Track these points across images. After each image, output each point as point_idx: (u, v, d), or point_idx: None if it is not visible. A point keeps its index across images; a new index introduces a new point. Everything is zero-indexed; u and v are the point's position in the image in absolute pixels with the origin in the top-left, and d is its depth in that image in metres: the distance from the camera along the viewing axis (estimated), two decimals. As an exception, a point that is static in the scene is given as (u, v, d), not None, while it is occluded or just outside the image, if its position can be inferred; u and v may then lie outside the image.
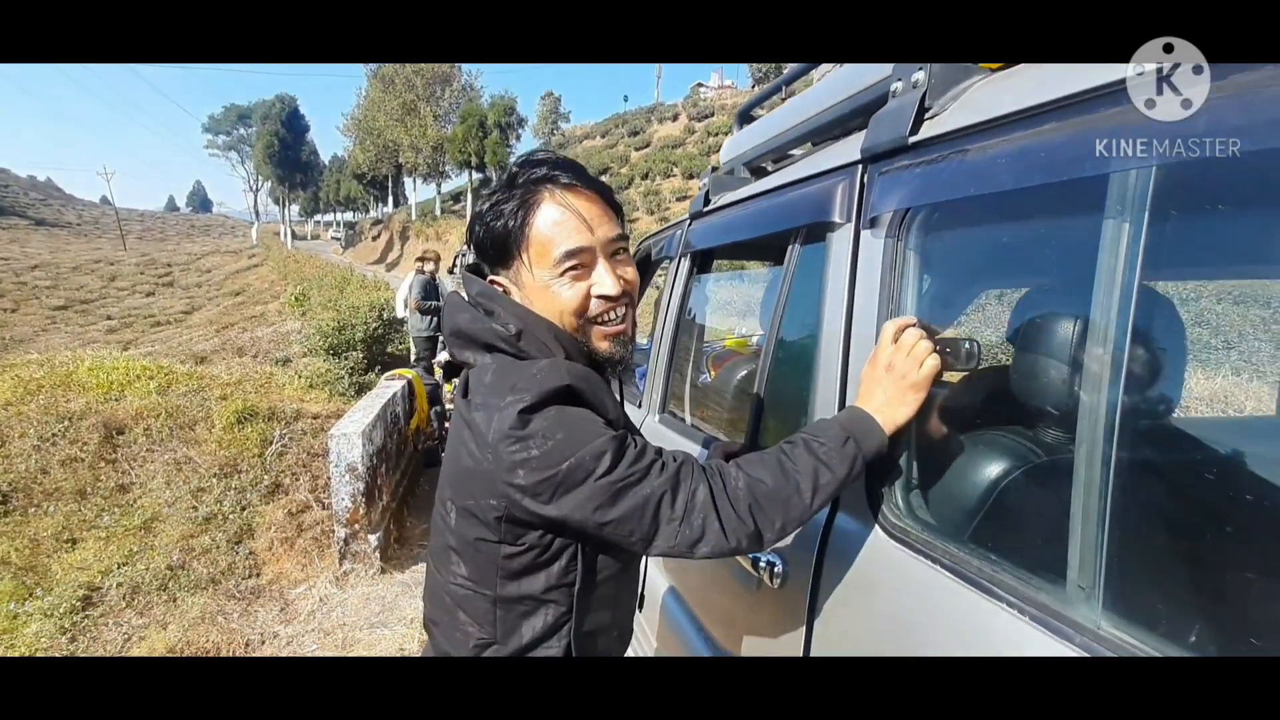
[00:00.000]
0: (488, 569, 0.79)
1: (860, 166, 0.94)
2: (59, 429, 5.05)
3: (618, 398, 0.97)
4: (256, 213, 41.70)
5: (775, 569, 0.95)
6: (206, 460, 4.97)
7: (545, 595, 0.79)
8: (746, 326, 2.37)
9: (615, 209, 0.86)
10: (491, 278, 0.87)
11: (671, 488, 0.74)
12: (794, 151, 1.45)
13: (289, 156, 37.54)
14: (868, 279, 0.88)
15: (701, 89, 41.49)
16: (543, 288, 0.81)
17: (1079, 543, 0.56)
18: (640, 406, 1.79)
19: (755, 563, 0.98)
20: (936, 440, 0.86)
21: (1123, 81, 0.57)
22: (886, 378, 0.79)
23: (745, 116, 1.61)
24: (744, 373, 1.60)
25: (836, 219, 0.96)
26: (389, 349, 8.02)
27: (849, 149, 1.00)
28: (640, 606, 0.99)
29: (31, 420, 5.09)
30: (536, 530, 0.76)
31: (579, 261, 0.80)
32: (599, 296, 0.82)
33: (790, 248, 1.11)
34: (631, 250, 2.17)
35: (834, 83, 1.17)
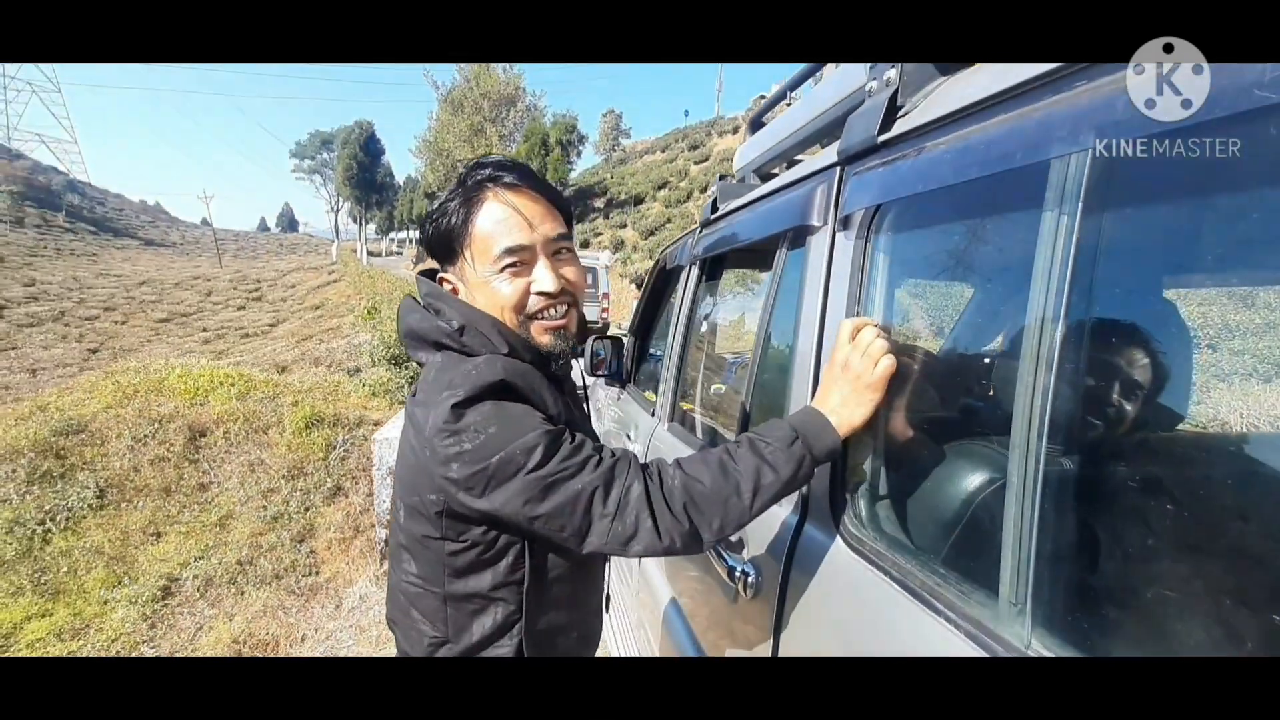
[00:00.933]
0: (435, 566, 0.80)
1: (838, 169, 0.92)
2: (150, 430, 5.50)
3: (578, 393, 1.00)
4: (336, 231, 44.33)
5: (749, 578, 0.93)
6: (277, 462, 5.30)
7: (493, 593, 0.79)
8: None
9: (562, 210, 0.87)
10: (440, 275, 0.89)
11: (604, 483, 0.73)
12: (801, 156, 1.43)
13: (366, 178, 39.78)
14: (840, 281, 0.86)
15: (763, 100, 41.30)
16: (483, 283, 0.82)
17: (1010, 558, 0.52)
18: (653, 415, 1.80)
19: (731, 572, 0.97)
20: (905, 447, 0.83)
21: (1077, 67, 0.55)
22: (842, 377, 0.77)
23: (757, 123, 1.60)
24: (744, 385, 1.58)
25: (815, 222, 0.94)
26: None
27: (832, 151, 0.98)
28: (606, 607, 0.98)
29: (127, 422, 5.56)
30: (479, 526, 0.77)
31: (519, 259, 0.82)
32: (538, 293, 0.83)
33: (778, 253, 1.09)
34: (656, 258, 2.19)
35: (830, 85, 1.15)
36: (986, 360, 1.01)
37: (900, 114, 0.81)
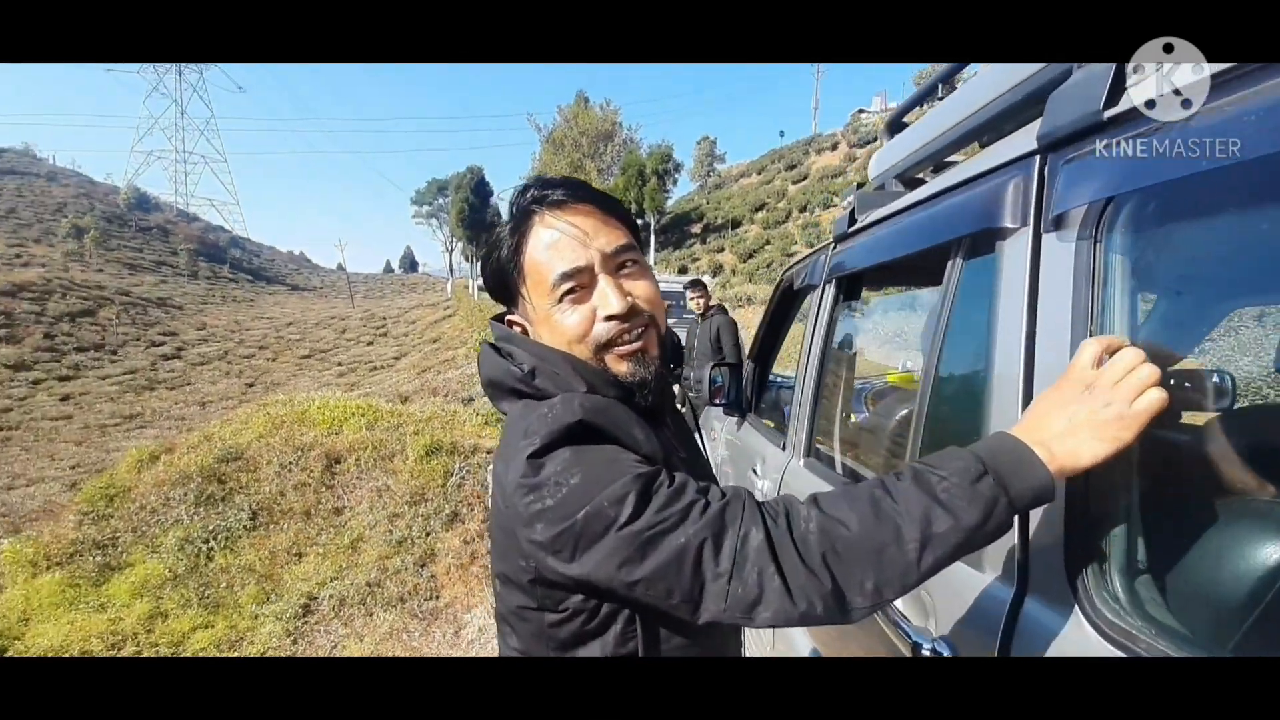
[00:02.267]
0: (537, 640, 0.69)
1: (1037, 158, 0.76)
2: (294, 458, 5.99)
3: (686, 425, 0.89)
4: (451, 269, 47.59)
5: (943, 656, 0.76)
6: (401, 488, 5.58)
7: None
8: (911, 360, 2.11)
9: (622, 220, 0.77)
10: (508, 317, 0.81)
11: (714, 533, 0.58)
12: (955, 157, 1.26)
13: (476, 219, 42.48)
14: (1054, 293, 0.70)
15: (863, 115, 39.89)
16: (546, 318, 0.74)
17: None
18: (784, 449, 1.64)
19: (916, 649, 0.80)
20: (1174, 505, 0.64)
21: None
22: (1078, 400, 0.57)
23: (896, 125, 1.44)
24: (904, 412, 1.39)
25: (1008, 223, 0.78)
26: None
27: (1021, 141, 0.82)
28: None
29: (275, 450, 6.10)
30: (576, 593, 0.65)
31: (576, 283, 0.72)
32: (606, 318, 0.72)
33: (950, 264, 0.93)
34: (778, 279, 2.05)
35: (1001, 69, 0.99)
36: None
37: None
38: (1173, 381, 0.58)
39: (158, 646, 4.49)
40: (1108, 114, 0.64)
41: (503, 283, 0.78)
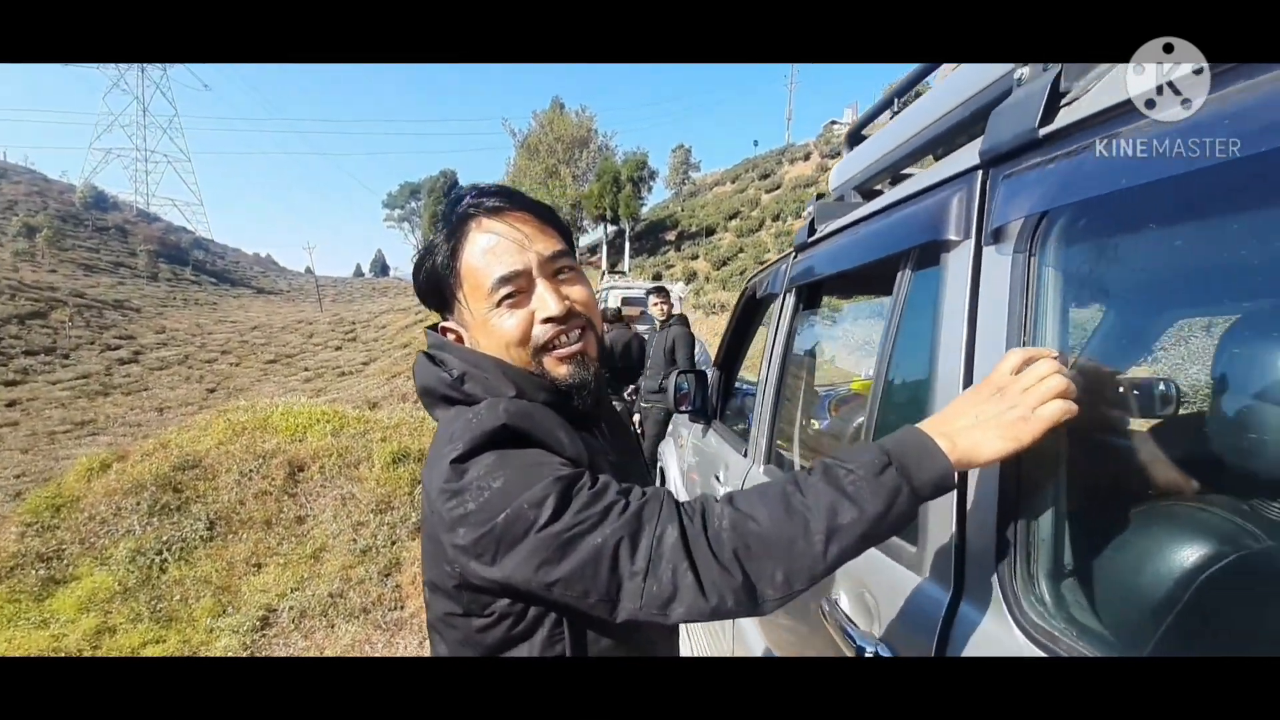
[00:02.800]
0: (464, 648, 0.69)
1: (979, 173, 0.78)
2: (255, 465, 5.83)
3: (628, 427, 0.89)
4: (423, 278, 47.17)
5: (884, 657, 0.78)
6: (366, 496, 5.47)
7: None
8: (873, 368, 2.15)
9: (556, 227, 0.78)
10: (444, 325, 0.80)
11: (630, 533, 0.59)
12: (911, 169, 1.29)
13: (450, 223, 42.21)
14: (992, 304, 0.72)
15: (835, 126, 40.63)
16: (484, 323, 0.74)
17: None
18: (746, 455, 1.66)
19: (860, 653, 0.81)
20: (1102, 510, 0.66)
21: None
22: (986, 401, 0.59)
23: (855, 137, 1.47)
24: (862, 419, 1.41)
25: (952, 235, 0.80)
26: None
27: (966, 156, 0.85)
28: None
29: (235, 458, 5.93)
30: (502, 598, 0.66)
31: (514, 287, 0.73)
32: (544, 320, 0.73)
33: (899, 274, 0.95)
34: (743, 287, 2.07)
35: (952, 84, 1.02)
36: (1218, 407, 0.83)
37: (1065, 102, 0.67)
38: (1109, 391, 0.60)
39: (106, 662, 4.31)
40: (1043, 132, 0.67)
41: (437, 289, 0.78)
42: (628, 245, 33.50)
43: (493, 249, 0.73)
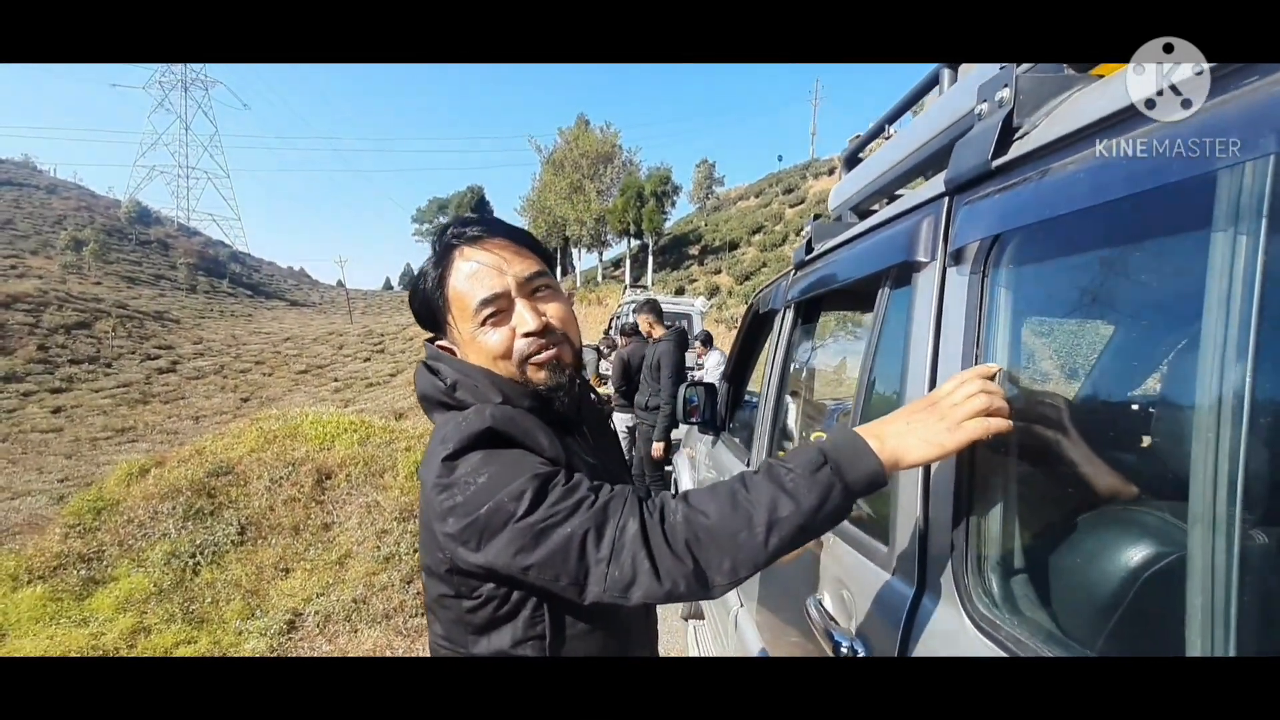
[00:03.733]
0: (456, 626, 0.78)
1: (945, 200, 0.84)
2: (285, 473, 6.01)
3: (609, 429, 0.97)
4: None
5: (856, 655, 0.83)
6: (390, 505, 5.60)
7: (515, 650, 0.75)
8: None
9: (534, 250, 0.86)
10: (439, 343, 0.89)
11: (597, 525, 0.67)
12: (901, 191, 1.35)
13: (477, 237, 42.91)
14: (953, 322, 0.77)
15: (858, 137, 40.50)
16: (471, 340, 0.82)
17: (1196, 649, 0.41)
18: (748, 464, 1.71)
19: (836, 648, 0.86)
20: (1050, 513, 0.71)
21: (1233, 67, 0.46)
22: (920, 411, 0.67)
23: (853, 159, 1.54)
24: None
25: (922, 257, 0.86)
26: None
27: (937, 183, 0.91)
28: None
29: (266, 465, 6.12)
30: (487, 581, 0.74)
31: (496, 308, 0.81)
32: (524, 335, 0.81)
33: (880, 292, 1.01)
34: (750, 302, 2.13)
35: (933, 113, 1.08)
36: (1138, 409, 0.87)
37: (1017, 136, 0.73)
38: (1027, 413, 0.66)
39: (140, 661, 4.48)
40: (995, 163, 0.73)
41: (430, 312, 0.86)
42: (651, 260, 33.67)
43: (475, 274, 0.81)
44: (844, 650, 0.84)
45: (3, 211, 44.18)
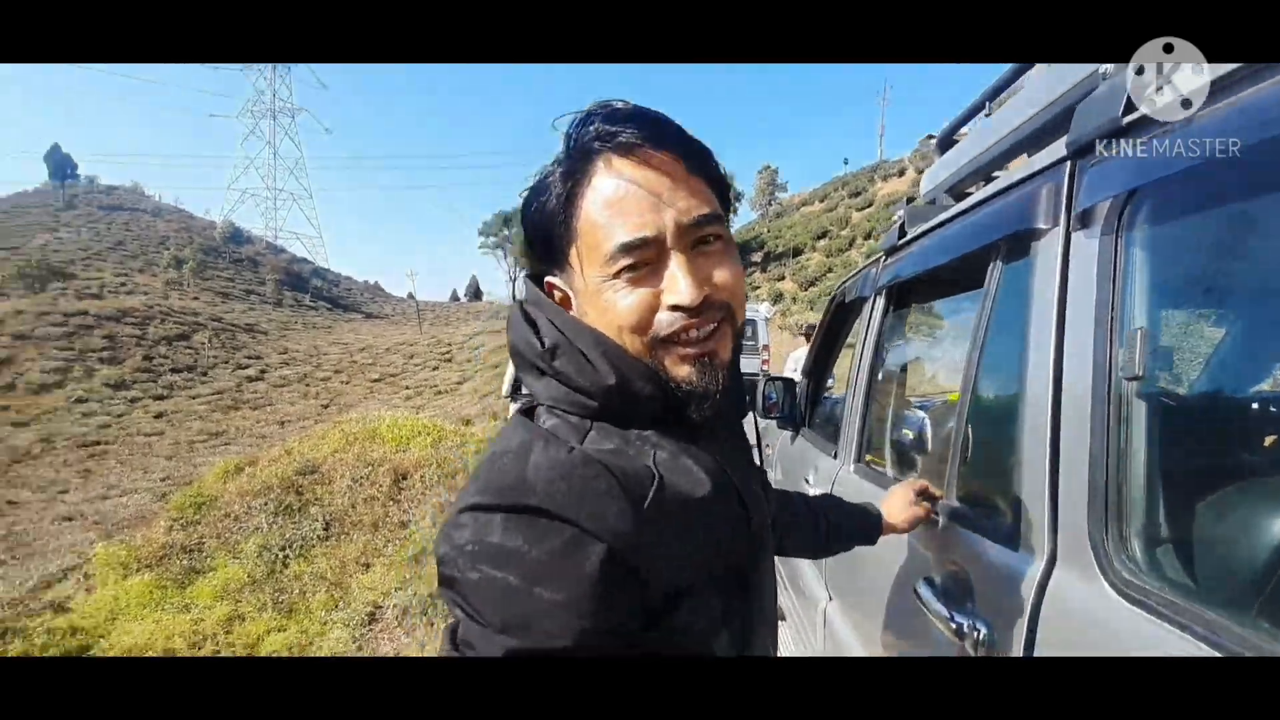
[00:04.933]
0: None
1: (1067, 164, 0.81)
2: (365, 473, 6.31)
3: (746, 448, 0.69)
4: (514, 297, 49.39)
5: (979, 635, 0.80)
6: (462, 505, 5.79)
7: None
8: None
9: (709, 178, 0.60)
10: (548, 280, 0.65)
11: None
12: (998, 172, 1.31)
13: (540, 249, 44.03)
14: (1080, 290, 0.74)
15: (932, 140, 39.09)
16: (594, 294, 0.58)
17: None
18: (835, 458, 1.68)
19: (958, 629, 0.84)
20: (1194, 483, 0.67)
21: None
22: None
23: (946, 143, 1.50)
24: (952, 423, 1.41)
25: (1041, 224, 0.83)
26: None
27: (1054, 150, 0.88)
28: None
29: (348, 465, 6.44)
30: None
31: (639, 258, 0.56)
32: (672, 307, 0.56)
33: (990, 267, 0.98)
34: (831, 295, 2.09)
35: (1040, 84, 1.05)
36: None
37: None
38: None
39: (234, 647, 4.78)
40: (1125, 120, 0.70)
41: (546, 238, 0.61)
42: (711, 268, 33.45)
43: (619, 203, 0.56)
44: (966, 630, 0.81)
45: (115, 234, 48.67)
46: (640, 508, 0.52)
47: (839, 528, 1.00)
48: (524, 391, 0.64)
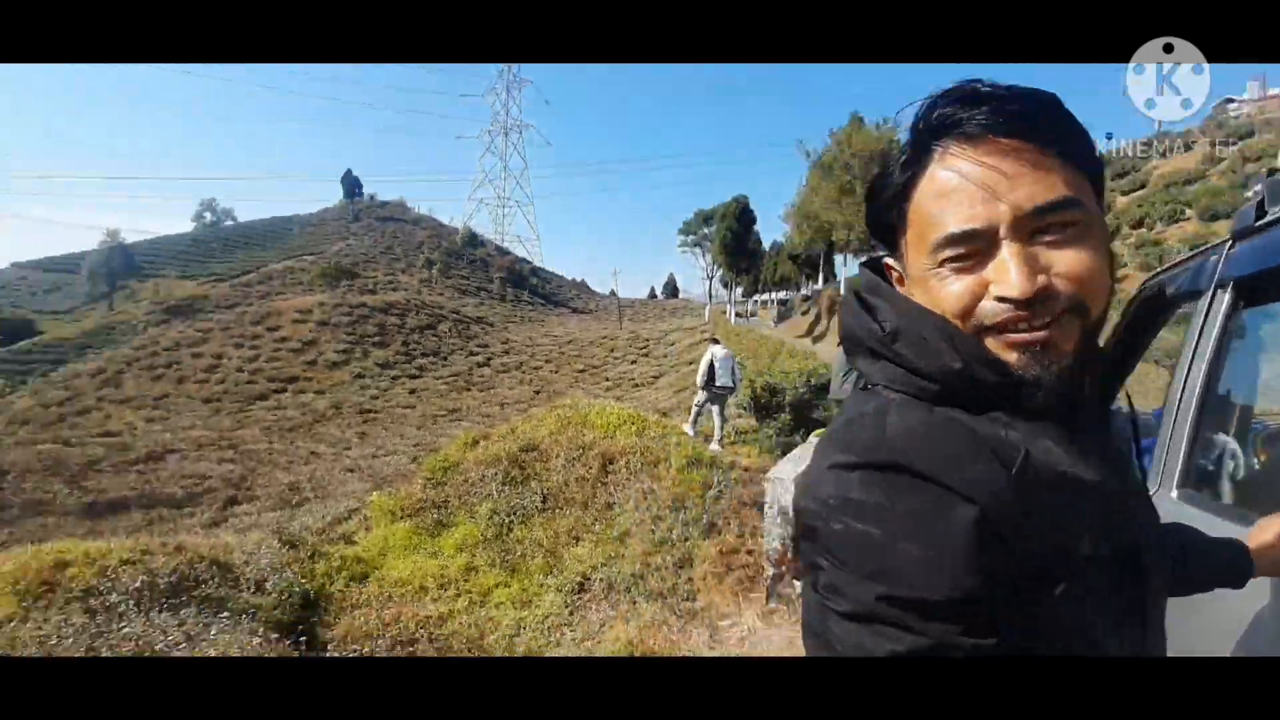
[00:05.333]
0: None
1: None
2: (577, 454, 6.85)
3: (1097, 434, 0.60)
4: (710, 295, 49.97)
5: None
6: (663, 493, 5.99)
7: None
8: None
9: (1069, 156, 0.55)
10: (886, 261, 0.65)
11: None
12: None
13: (738, 247, 44.01)
14: None
15: (1232, 105, 30.96)
16: (921, 280, 0.58)
17: None
18: (1150, 480, 1.39)
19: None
20: None
21: None
22: None
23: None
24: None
25: None
26: (814, 414, 8.33)
27: None
28: None
29: (562, 446, 7.04)
30: None
31: (966, 249, 0.54)
32: (998, 299, 0.53)
33: None
34: (1136, 291, 1.75)
35: None
36: None
37: None
38: None
39: (471, 594, 5.48)
40: None
41: (883, 222, 0.63)
42: (923, 264, 30.65)
43: (951, 194, 0.55)
44: None
45: (386, 240, 59.13)
46: (1010, 474, 0.51)
47: (1204, 558, 0.80)
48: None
